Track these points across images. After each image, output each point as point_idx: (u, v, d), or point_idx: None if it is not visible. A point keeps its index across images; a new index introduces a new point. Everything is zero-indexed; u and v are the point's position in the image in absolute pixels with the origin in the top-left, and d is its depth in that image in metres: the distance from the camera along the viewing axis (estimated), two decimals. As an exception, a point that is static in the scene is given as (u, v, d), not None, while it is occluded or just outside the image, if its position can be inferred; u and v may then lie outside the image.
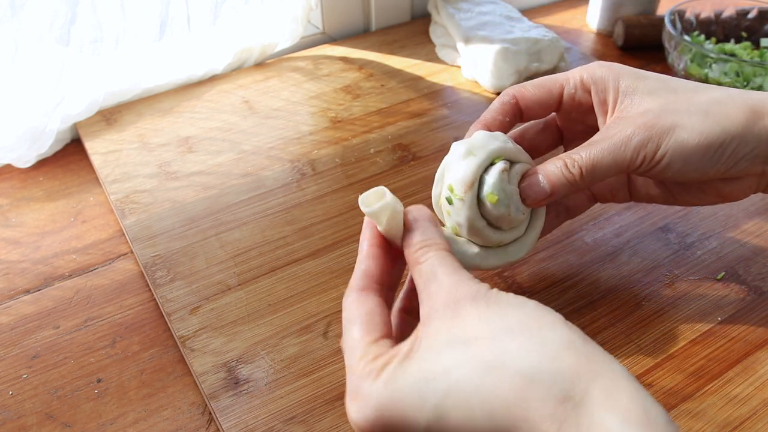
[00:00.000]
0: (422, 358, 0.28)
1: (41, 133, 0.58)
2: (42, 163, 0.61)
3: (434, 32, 0.76)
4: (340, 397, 0.41)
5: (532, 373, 0.26)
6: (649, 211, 0.53)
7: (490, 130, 0.41)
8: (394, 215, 0.33)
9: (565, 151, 0.44)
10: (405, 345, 0.29)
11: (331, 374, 0.42)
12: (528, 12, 0.84)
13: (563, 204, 0.45)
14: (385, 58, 0.73)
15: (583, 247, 0.50)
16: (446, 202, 0.38)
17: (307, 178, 0.57)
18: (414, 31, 0.78)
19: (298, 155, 0.59)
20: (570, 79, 0.41)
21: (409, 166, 0.58)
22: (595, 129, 0.42)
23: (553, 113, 0.44)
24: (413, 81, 0.69)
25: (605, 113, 0.40)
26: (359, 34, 0.78)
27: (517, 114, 0.42)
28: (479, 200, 0.37)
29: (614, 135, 0.37)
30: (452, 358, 0.28)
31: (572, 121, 0.44)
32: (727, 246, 0.50)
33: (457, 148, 0.38)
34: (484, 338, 0.28)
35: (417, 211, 0.34)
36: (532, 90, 0.42)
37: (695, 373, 0.41)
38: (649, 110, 0.38)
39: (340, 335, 0.44)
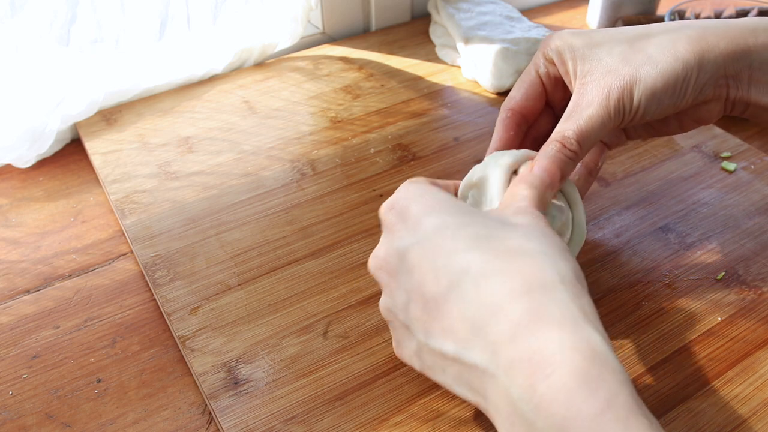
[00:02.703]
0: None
1: (41, 133, 0.58)
2: (42, 163, 0.61)
3: (434, 32, 0.76)
4: (341, 396, 0.41)
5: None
6: (649, 211, 0.53)
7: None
8: None
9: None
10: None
11: (331, 374, 0.42)
12: (528, 12, 0.84)
13: (582, 166, 0.46)
14: (385, 58, 0.73)
15: (583, 247, 0.50)
16: None
17: (307, 178, 0.57)
18: (414, 31, 0.78)
19: (298, 155, 0.59)
20: (539, 62, 0.43)
21: (409, 166, 0.58)
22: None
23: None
24: (413, 81, 0.69)
25: (571, 77, 0.42)
26: (359, 34, 0.78)
27: (521, 123, 0.44)
28: None
29: (593, 99, 0.39)
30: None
31: (556, 95, 0.45)
32: (727, 246, 0.50)
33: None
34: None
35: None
36: (519, 94, 0.44)
37: (695, 373, 0.41)
38: (612, 67, 0.40)
39: (340, 335, 0.44)
